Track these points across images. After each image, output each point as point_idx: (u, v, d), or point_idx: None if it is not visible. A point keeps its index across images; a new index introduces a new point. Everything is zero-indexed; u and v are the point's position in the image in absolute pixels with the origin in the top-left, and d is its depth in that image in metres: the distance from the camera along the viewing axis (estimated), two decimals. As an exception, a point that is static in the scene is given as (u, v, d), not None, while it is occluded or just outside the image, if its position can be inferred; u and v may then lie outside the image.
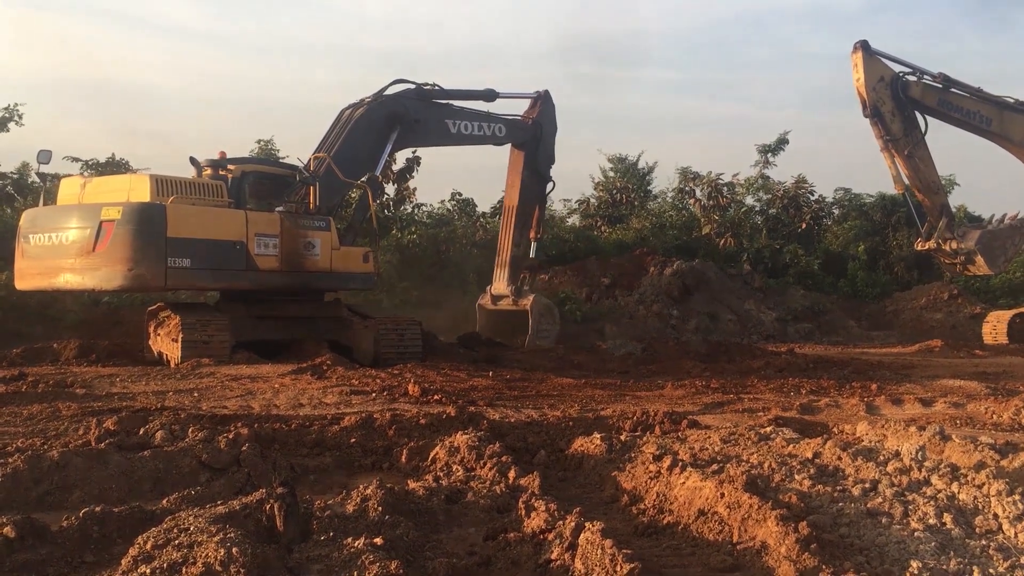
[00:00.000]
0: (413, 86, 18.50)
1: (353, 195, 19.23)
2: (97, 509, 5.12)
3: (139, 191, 14.38)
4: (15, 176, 24.38)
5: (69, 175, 22.40)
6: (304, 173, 16.22)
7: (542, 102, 21.07)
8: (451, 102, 19.24)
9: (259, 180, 16.11)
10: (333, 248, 15.87)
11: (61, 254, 14.35)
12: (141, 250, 13.74)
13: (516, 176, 20.96)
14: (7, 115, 23.42)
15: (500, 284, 20.69)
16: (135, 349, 16.84)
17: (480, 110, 19.72)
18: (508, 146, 20.92)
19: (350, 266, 16.25)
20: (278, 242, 15.07)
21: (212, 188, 15.00)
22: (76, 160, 24.36)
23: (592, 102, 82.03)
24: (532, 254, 21.75)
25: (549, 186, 21.67)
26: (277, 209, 15.48)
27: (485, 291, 21.06)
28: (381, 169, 18.21)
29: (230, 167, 15.89)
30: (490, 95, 19.91)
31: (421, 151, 27.05)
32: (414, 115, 18.14)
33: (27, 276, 15.09)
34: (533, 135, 20.77)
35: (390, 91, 18.18)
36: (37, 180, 23.61)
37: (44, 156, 15.31)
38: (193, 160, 15.80)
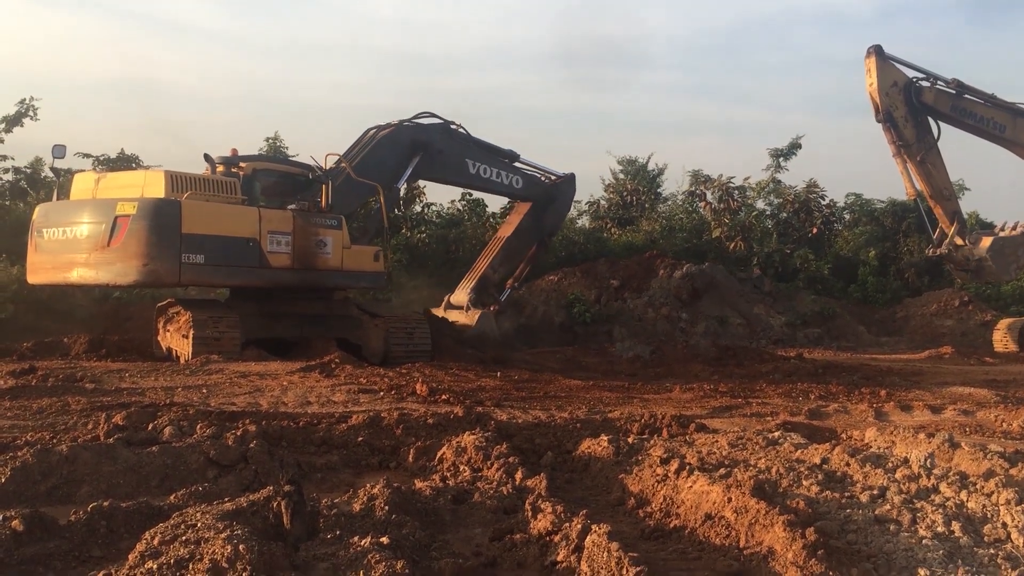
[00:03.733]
0: (440, 121, 18.83)
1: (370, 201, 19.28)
2: (105, 504, 5.14)
3: (154, 187, 14.39)
4: (28, 171, 24.46)
5: (82, 170, 22.55)
6: (317, 172, 16.24)
7: (565, 181, 21.30)
8: (473, 146, 19.48)
9: (270, 178, 16.14)
10: (344, 247, 15.90)
11: (75, 249, 14.37)
12: (156, 246, 13.76)
13: (517, 217, 21.10)
14: (22, 109, 23.43)
15: (461, 294, 20.42)
16: (144, 344, 16.91)
17: (501, 159, 19.92)
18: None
19: (361, 265, 16.27)
20: (290, 240, 15.10)
21: (226, 185, 15.02)
22: (87, 156, 24.51)
23: (601, 104, 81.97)
24: (502, 297, 21.32)
25: (543, 248, 21.88)
26: (290, 207, 15.50)
27: (444, 299, 20.68)
28: (399, 189, 18.52)
29: (241, 165, 15.94)
30: (512, 156, 20.17)
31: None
32: (438, 146, 18.45)
33: (40, 270, 15.13)
34: (548, 196, 20.91)
35: (418, 121, 18.52)
36: (51, 175, 23.78)
37: (59, 151, 15.36)
38: (207, 157, 15.81)
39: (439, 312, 20.14)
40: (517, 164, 20.53)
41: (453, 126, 19.05)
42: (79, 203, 15.03)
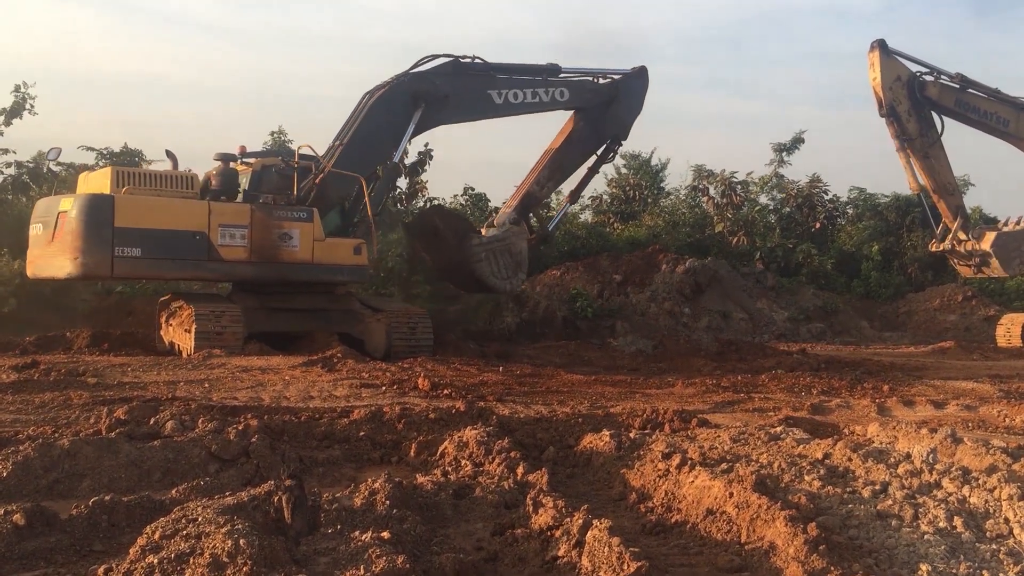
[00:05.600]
0: (448, 59, 17.05)
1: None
2: (106, 498, 5.15)
3: (105, 183, 14.81)
4: (31, 165, 24.42)
5: (85, 165, 22.66)
6: (283, 163, 16.17)
7: (633, 75, 18.77)
8: (495, 73, 17.50)
9: (279, 173, 16.09)
10: (316, 239, 15.48)
11: (36, 244, 15.06)
12: (87, 239, 14.00)
13: (569, 124, 18.59)
14: (19, 98, 23.27)
15: (501, 216, 18.50)
16: (147, 339, 16.96)
17: (535, 76, 17.83)
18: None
19: (337, 258, 15.73)
20: (246, 233, 14.97)
21: (181, 180, 15.14)
22: (91, 149, 24.44)
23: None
24: (551, 226, 19.46)
25: (609, 154, 19.21)
26: (261, 200, 15.53)
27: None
28: (400, 154, 17.04)
29: (250, 161, 16.14)
30: (551, 71, 17.99)
31: (435, 142, 26.84)
32: (442, 91, 16.74)
33: (28, 264, 15.80)
34: (608, 95, 18.51)
35: (421, 68, 16.93)
36: (53, 169, 23.86)
37: (53, 153, 15.86)
38: (169, 153, 16.09)
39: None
40: (562, 75, 18.28)
41: (465, 59, 17.19)
42: (43, 201, 15.71)
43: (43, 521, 4.82)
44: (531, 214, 18.76)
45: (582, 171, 19.72)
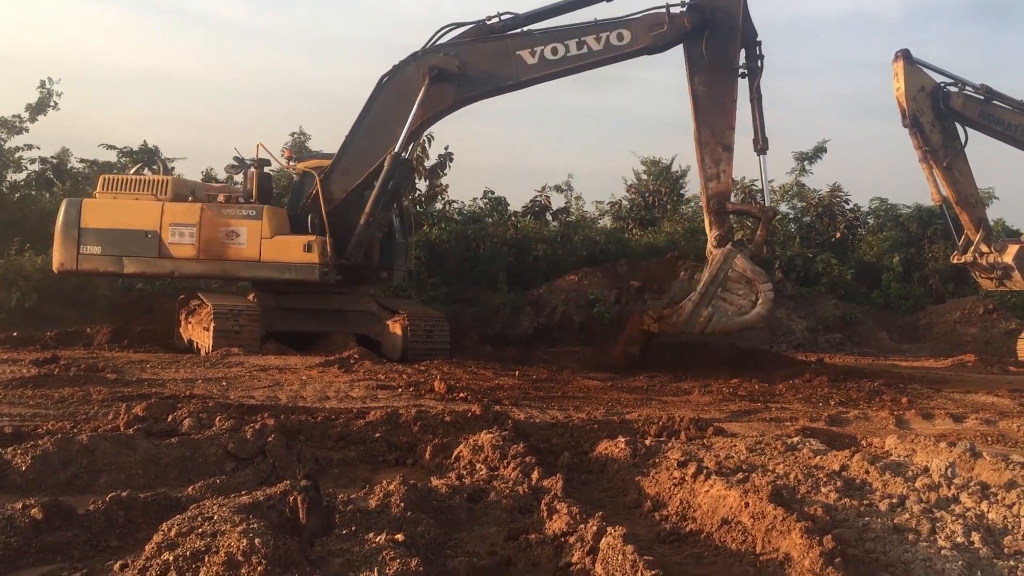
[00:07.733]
0: (472, 25, 15.01)
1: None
2: (123, 494, 5.19)
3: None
4: (55, 161, 24.59)
5: (108, 162, 22.88)
6: (244, 163, 16.33)
7: None
8: (531, 29, 14.99)
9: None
10: (264, 237, 15.39)
11: None
12: (62, 238, 15.57)
13: (690, 92, 15.00)
14: (44, 94, 23.37)
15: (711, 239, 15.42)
16: (167, 335, 17.08)
17: (584, 22, 14.86)
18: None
19: (284, 256, 15.38)
20: (195, 231, 15.35)
21: (155, 184, 15.85)
22: (112, 147, 24.57)
23: (624, 104, 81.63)
24: (765, 198, 16.54)
25: (755, 65, 15.18)
26: (236, 198, 15.93)
27: None
28: (404, 141, 15.39)
29: (296, 165, 17.00)
30: None
31: (456, 144, 26.86)
32: (455, 62, 14.72)
33: None
34: (697, 17, 14.69)
35: (441, 41, 15.11)
36: (77, 166, 24.12)
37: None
38: (161, 159, 17.63)
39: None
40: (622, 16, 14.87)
41: (491, 20, 14.97)
42: None
43: (60, 516, 4.86)
44: (730, 208, 15.72)
45: (745, 114, 15.62)
